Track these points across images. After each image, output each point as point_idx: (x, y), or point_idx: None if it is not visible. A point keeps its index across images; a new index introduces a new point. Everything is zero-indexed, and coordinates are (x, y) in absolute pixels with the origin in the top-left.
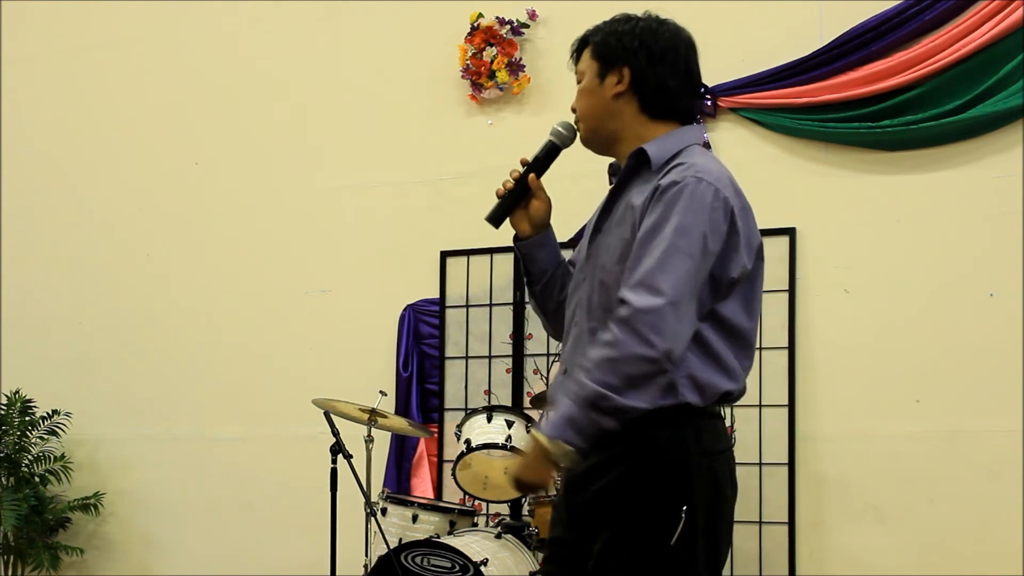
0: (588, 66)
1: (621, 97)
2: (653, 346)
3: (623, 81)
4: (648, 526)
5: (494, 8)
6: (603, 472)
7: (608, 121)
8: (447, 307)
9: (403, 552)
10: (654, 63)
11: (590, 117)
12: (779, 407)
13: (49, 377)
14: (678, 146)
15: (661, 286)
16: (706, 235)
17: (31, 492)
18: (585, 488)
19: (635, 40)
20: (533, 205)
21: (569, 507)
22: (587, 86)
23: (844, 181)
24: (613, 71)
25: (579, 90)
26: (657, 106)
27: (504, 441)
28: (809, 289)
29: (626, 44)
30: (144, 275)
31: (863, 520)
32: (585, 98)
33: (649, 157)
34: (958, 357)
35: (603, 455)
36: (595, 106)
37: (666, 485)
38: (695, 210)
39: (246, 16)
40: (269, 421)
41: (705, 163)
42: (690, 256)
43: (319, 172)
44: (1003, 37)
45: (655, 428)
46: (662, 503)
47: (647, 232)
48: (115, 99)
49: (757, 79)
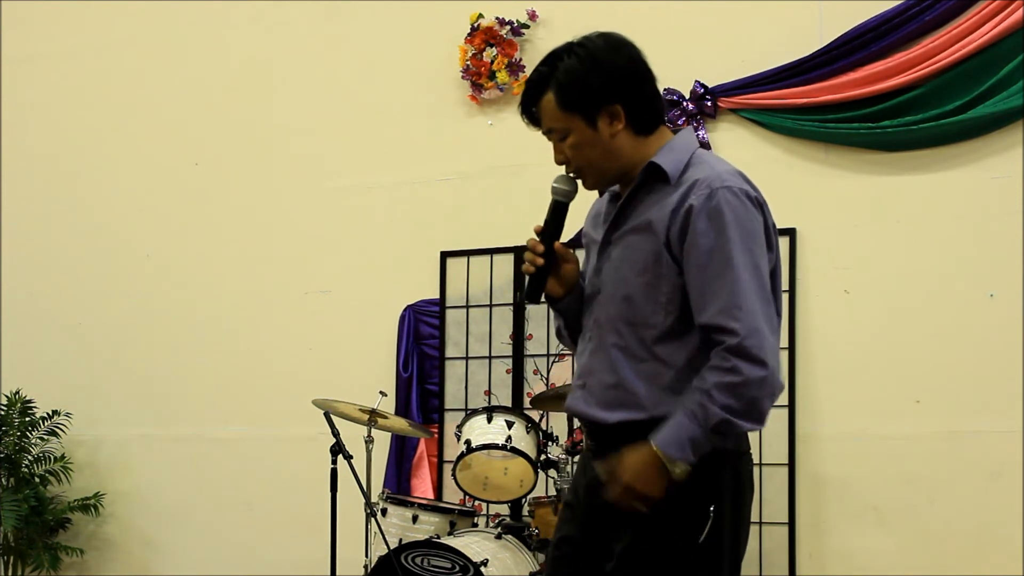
0: (565, 119)
1: (619, 134)
2: (767, 366)
3: (618, 117)
4: (676, 525)
5: (494, 8)
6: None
7: (613, 162)
8: (447, 307)
9: (403, 552)
10: (633, 86)
11: (597, 167)
12: (779, 407)
13: (49, 377)
14: (686, 154)
15: (754, 307)
16: (757, 247)
17: (31, 493)
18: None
19: (601, 74)
20: (565, 269)
21: (590, 508)
22: (581, 140)
23: (844, 182)
24: (602, 114)
25: (571, 146)
26: (649, 123)
27: (504, 442)
28: (809, 289)
29: (597, 83)
30: (144, 275)
31: (863, 520)
32: (585, 151)
33: (667, 173)
34: (958, 357)
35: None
36: (598, 155)
37: (694, 485)
38: (741, 224)
39: (246, 17)
40: (269, 421)
41: (722, 167)
42: (755, 272)
43: (319, 172)
44: (1003, 38)
45: None
46: (690, 503)
47: (707, 256)
48: (115, 99)
49: (757, 80)
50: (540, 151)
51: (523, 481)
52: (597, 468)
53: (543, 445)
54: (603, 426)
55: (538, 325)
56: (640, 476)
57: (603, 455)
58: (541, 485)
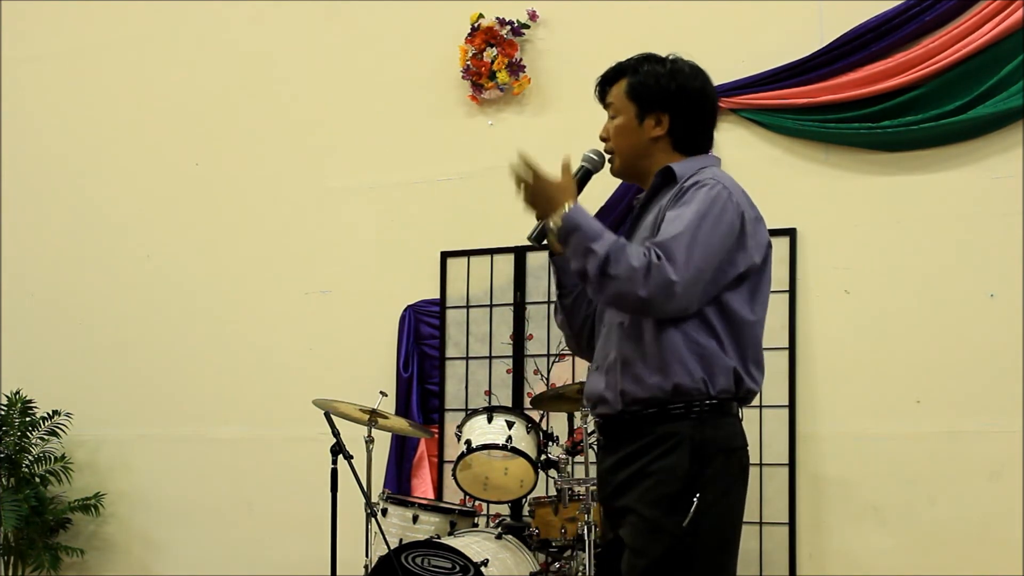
0: (624, 104)
1: (659, 140)
2: (648, 293)
3: (661, 125)
4: (663, 509)
5: (494, 9)
6: (628, 463)
7: (644, 160)
8: (447, 307)
9: (403, 553)
10: (691, 109)
11: (627, 155)
12: (779, 407)
13: (49, 377)
14: (699, 164)
15: (677, 257)
16: (715, 223)
17: (31, 493)
18: (615, 477)
19: (673, 84)
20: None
21: (605, 506)
22: (625, 125)
23: (844, 182)
24: (651, 115)
25: (615, 126)
26: (689, 145)
27: (504, 442)
28: (809, 289)
29: (665, 89)
30: (144, 275)
31: (863, 520)
32: (623, 137)
33: (675, 173)
34: (958, 357)
35: (631, 447)
36: (633, 146)
37: (685, 476)
38: (710, 202)
39: (247, 16)
40: (269, 421)
41: (724, 177)
42: (698, 226)
43: (320, 173)
44: (1003, 38)
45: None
46: (679, 491)
47: (672, 214)
48: (116, 99)
49: (758, 80)
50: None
51: (523, 481)
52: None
53: (543, 445)
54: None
55: (538, 325)
56: (545, 188)
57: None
58: (541, 485)
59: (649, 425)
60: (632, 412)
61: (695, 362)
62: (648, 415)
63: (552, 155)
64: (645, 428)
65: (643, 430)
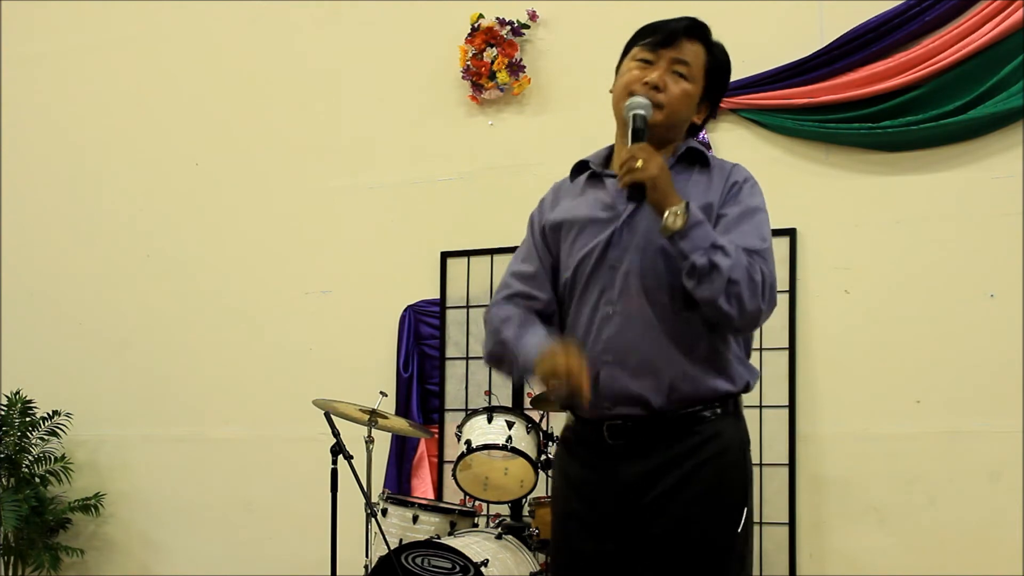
0: (699, 75)
1: (693, 118)
2: (767, 308)
3: (701, 114)
4: (717, 516)
5: (494, 9)
6: (675, 466)
7: (675, 131)
8: (447, 308)
9: (403, 553)
10: (714, 112)
11: (674, 121)
12: (779, 407)
13: (49, 377)
14: (709, 152)
15: (767, 257)
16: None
17: (31, 493)
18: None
19: (726, 87)
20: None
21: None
22: (692, 96)
23: (844, 182)
24: (705, 102)
25: (683, 90)
26: (696, 130)
27: (504, 442)
28: (809, 289)
29: (724, 88)
30: (144, 275)
31: (863, 520)
32: (683, 104)
33: (709, 160)
34: (958, 357)
35: (676, 449)
36: (684, 118)
37: (735, 475)
38: (765, 208)
39: (246, 17)
40: (269, 422)
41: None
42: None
43: (320, 173)
44: (1003, 38)
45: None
46: (733, 496)
47: (746, 211)
48: (116, 99)
49: (758, 80)
50: (540, 151)
51: (523, 481)
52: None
53: (543, 445)
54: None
55: None
56: (653, 165)
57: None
58: (541, 485)
59: (697, 425)
60: (680, 413)
61: (736, 360)
62: (694, 415)
63: (552, 155)
64: (692, 428)
65: (689, 430)
